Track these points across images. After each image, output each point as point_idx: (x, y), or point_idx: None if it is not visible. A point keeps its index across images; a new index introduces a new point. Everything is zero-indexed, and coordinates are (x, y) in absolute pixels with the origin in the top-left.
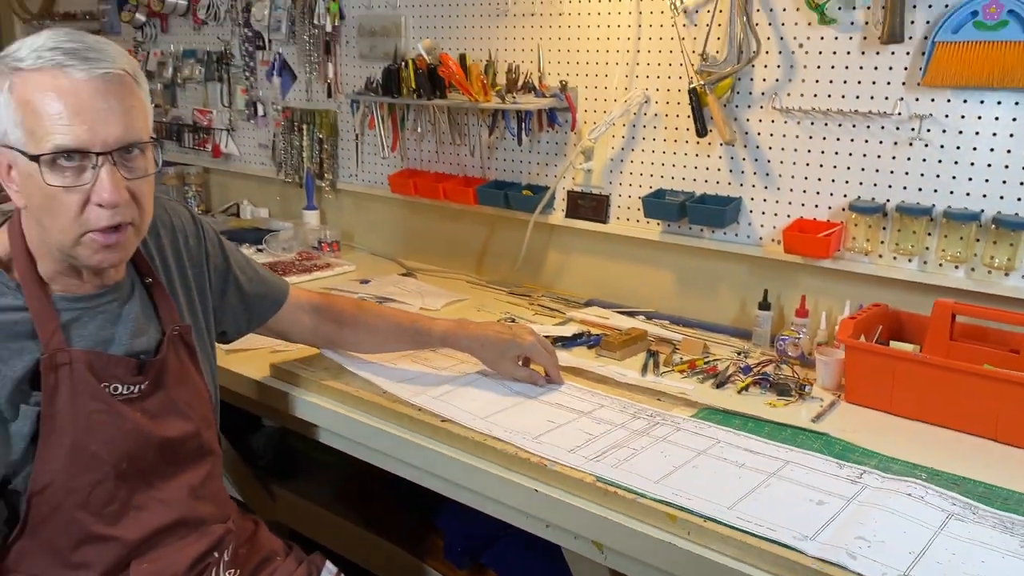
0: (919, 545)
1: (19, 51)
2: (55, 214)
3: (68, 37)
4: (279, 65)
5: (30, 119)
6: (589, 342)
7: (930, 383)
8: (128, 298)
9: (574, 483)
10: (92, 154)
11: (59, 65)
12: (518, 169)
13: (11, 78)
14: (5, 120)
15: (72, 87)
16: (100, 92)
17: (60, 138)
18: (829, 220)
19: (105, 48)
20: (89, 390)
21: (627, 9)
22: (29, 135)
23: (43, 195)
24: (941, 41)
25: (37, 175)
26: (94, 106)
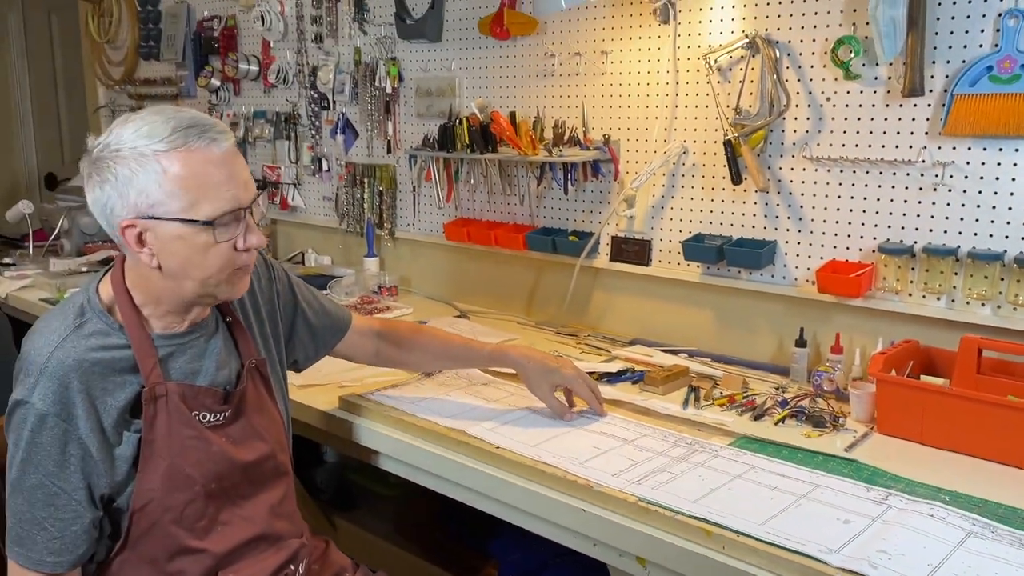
0: (937, 559)
1: (148, 135)
2: (205, 266)
3: (186, 118)
4: (342, 124)
5: (193, 190)
6: (633, 378)
7: (957, 414)
8: (212, 335)
9: (618, 503)
10: (242, 209)
11: (202, 144)
12: (565, 216)
13: (160, 160)
14: (156, 195)
15: (221, 158)
16: (235, 158)
17: (226, 203)
18: (860, 261)
19: (215, 121)
20: (182, 418)
21: (665, 68)
22: (193, 205)
23: (194, 251)
24: (959, 94)
25: (193, 236)
26: (236, 170)
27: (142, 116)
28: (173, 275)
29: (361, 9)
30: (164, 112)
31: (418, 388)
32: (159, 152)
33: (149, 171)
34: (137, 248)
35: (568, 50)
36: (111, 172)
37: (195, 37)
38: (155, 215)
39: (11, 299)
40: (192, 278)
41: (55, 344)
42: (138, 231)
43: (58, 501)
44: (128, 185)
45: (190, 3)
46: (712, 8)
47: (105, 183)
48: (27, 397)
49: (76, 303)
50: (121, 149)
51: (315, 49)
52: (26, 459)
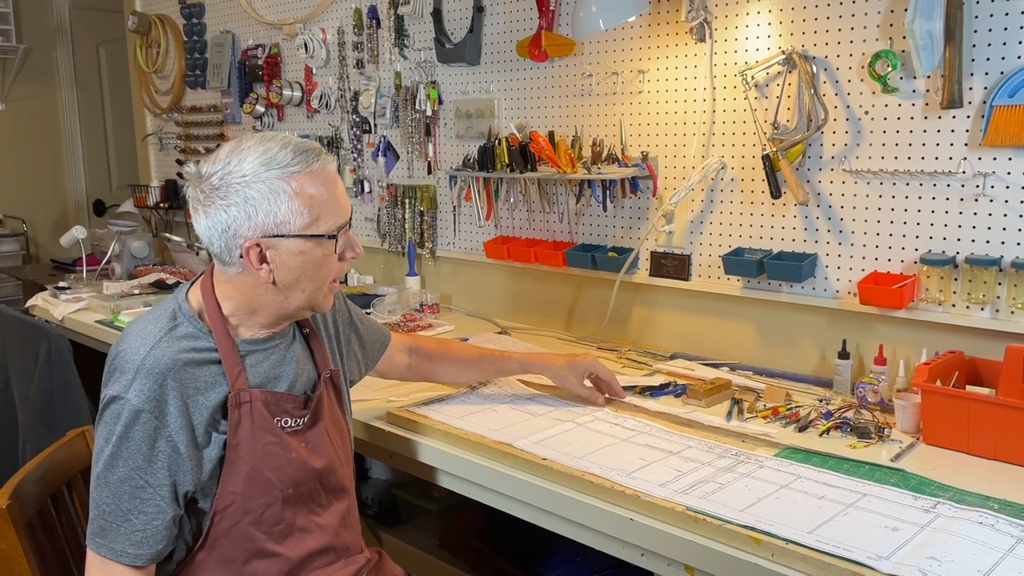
0: (988, 565)
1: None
2: (319, 276)
3: (295, 142)
4: (384, 146)
5: (316, 208)
6: (676, 391)
7: (1004, 423)
8: (291, 343)
9: (666, 512)
10: (348, 223)
11: (319, 165)
12: (604, 233)
13: (289, 181)
14: (283, 213)
15: (332, 178)
16: (338, 176)
17: (339, 217)
18: (902, 273)
19: (318, 144)
20: (264, 424)
21: (702, 85)
22: (316, 222)
23: (312, 264)
24: (998, 105)
25: (313, 250)
26: (342, 188)
27: (257, 144)
28: (285, 288)
29: (401, 35)
30: (276, 139)
31: (464, 402)
32: (285, 175)
33: (278, 192)
34: (257, 266)
35: (605, 70)
36: (239, 195)
37: (240, 65)
38: (281, 233)
39: (67, 321)
40: (302, 290)
41: (151, 344)
42: (261, 250)
43: (143, 495)
44: (257, 207)
45: (235, 32)
46: (748, 26)
47: (232, 206)
48: (123, 393)
49: (168, 309)
50: (247, 175)
51: (357, 74)
52: (115, 453)
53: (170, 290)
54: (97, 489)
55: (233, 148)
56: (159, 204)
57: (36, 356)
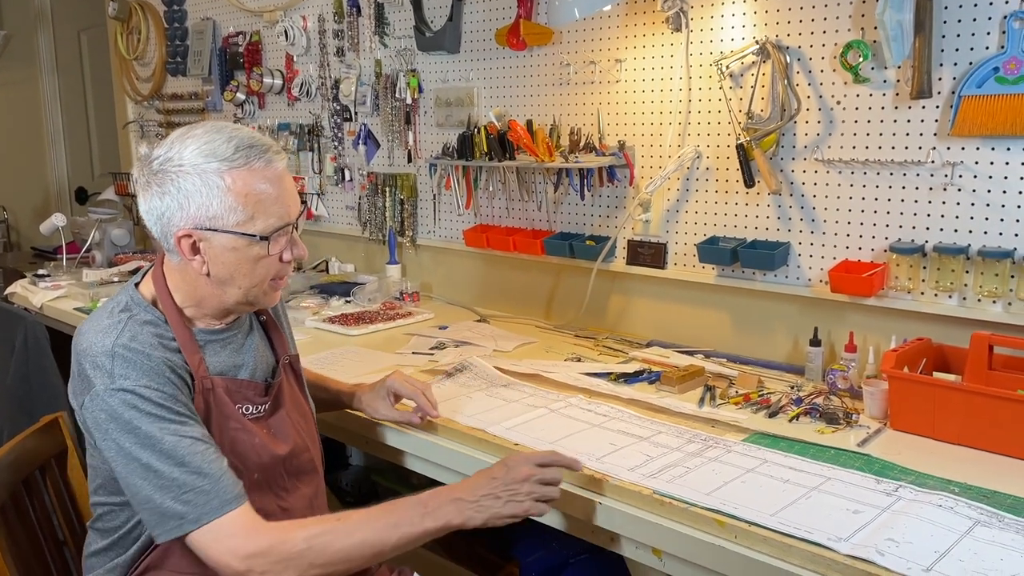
0: (944, 546)
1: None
2: (253, 275)
3: (244, 136)
4: (364, 135)
5: (250, 206)
6: (650, 378)
7: (968, 409)
8: (249, 331)
9: (634, 495)
10: (291, 224)
11: (263, 162)
12: (581, 221)
13: (224, 176)
14: (216, 208)
15: (277, 176)
16: (287, 176)
17: (278, 219)
18: (872, 261)
19: (269, 140)
20: (227, 411)
21: (678, 75)
22: (249, 220)
23: (245, 262)
24: (967, 95)
25: (247, 248)
26: (289, 188)
27: (203, 134)
28: (220, 282)
29: (381, 23)
30: (224, 131)
31: (439, 390)
32: (222, 170)
33: (212, 187)
34: (190, 256)
35: (583, 59)
36: (173, 185)
37: (221, 53)
38: (212, 227)
39: (46, 309)
40: (238, 286)
41: (116, 333)
42: (193, 240)
43: (198, 447)
44: (189, 198)
45: (216, 20)
46: (723, 16)
47: (166, 195)
48: (111, 384)
49: (120, 301)
50: (184, 165)
51: (337, 62)
52: (147, 435)
53: None
54: (150, 478)
55: (180, 134)
56: None
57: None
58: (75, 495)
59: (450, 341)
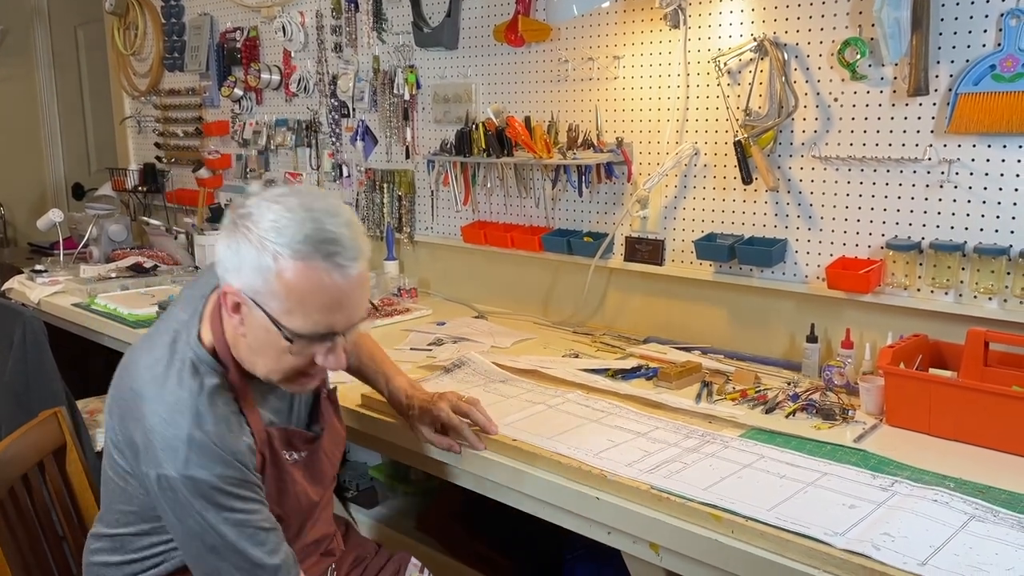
0: (940, 540)
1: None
2: (279, 364)
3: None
4: (362, 131)
5: (293, 301)
6: (647, 374)
7: (964, 405)
8: None
9: (631, 491)
10: (335, 334)
11: (324, 267)
12: (579, 218)
13: (279, 260)
14: (260, 286)
15: (335, 288)
16: (355, 288)
17: (320, 326)
18: (869, 258)
19: (355, 241)
20: (279, 461)
21: (675, 71)
22: (287, 313)
23: (273, 347)
24: (963, 92)
25: (277, 337)
26: (350, 301)
27: (287, 203)
28: (252, 351)
29: (379, 19)
30: (311, 210)
31: (437, 386)
32: (280, 253)
33: (265, 265)
34: (231, 313)
35: (581, 56)
36: (237, 243)
37: (218, 48)
38: (255, 300)
39: (44, 304)
40: (265, 365)
41: (191, 415)
42: (237, 301)
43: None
44: (244, 264)
45: (213, 15)
46: (721, 12)
47: (230, 248)
48: (184, 471)
49: (184, 360)
50: (253, 230)
51: (335, 58)
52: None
53: (147, 274)
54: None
55: (277, 195)
56: (137, 187)
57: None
58: (74, 490)
59: (448, 337)
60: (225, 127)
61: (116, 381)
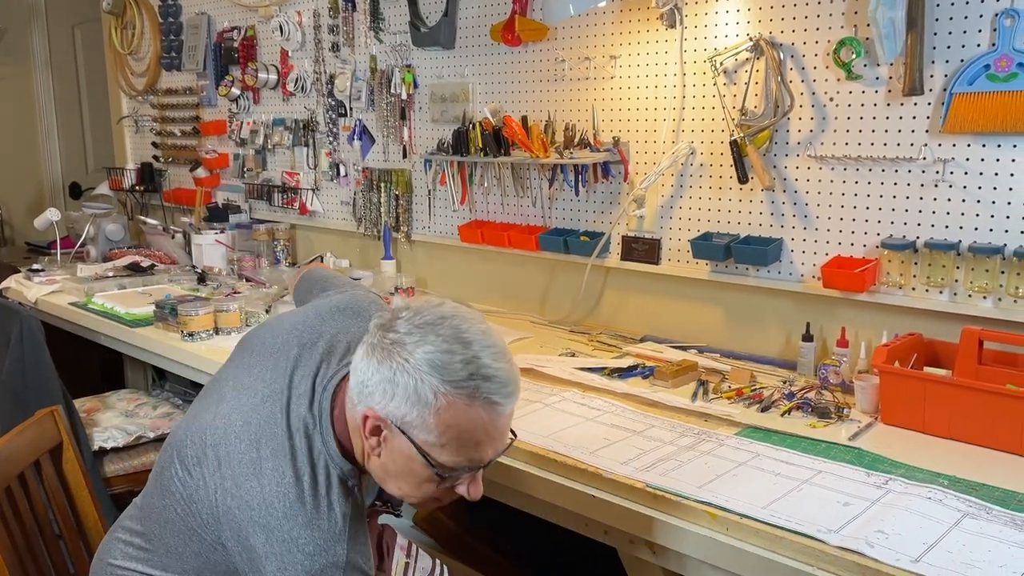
0: (933, 537)
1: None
2: (418, 490)
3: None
4: (359, 130)
5: (447, 437)
6: (643, 373)
7: (958, 403)
8: None
9: (627, 489)
10: (481, 467)
11: (489, 404)
12: (576, 217)
13: (440, 396)
14: (413, 416)
15: (492, 428)
16: (507, 422)
17: (469, 461)
18: (864, 257)
19: (513, 374)
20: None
21: (672, 71)
22: (438, 447)
23: (416, 476)
24: (958, 92)
25: (421, 467)
26: (499, 433)
27: (446, 340)
28: (384, 470)
29: (376, 18)
30: (471, 346)
31: None
32: (441, 390)
33: (423, 399)
34: (367, 435)
35: (578, 55)
36: (390, 370)
37: (215, 47)
38: (403, 430)
39: (41, 303)
40: (399, 487)
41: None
42: (379, 426)
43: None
44: (397, 392)
45: (210, 15)
46: (717, 12)
47: (380, 372)
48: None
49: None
50: (410, 361)
51: (332, 58)
52: None
53: (144, 273)
54: None
55: (430, 323)
56: (135, 187)
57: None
58: (70, 489)
59: None
60: (222, 126)
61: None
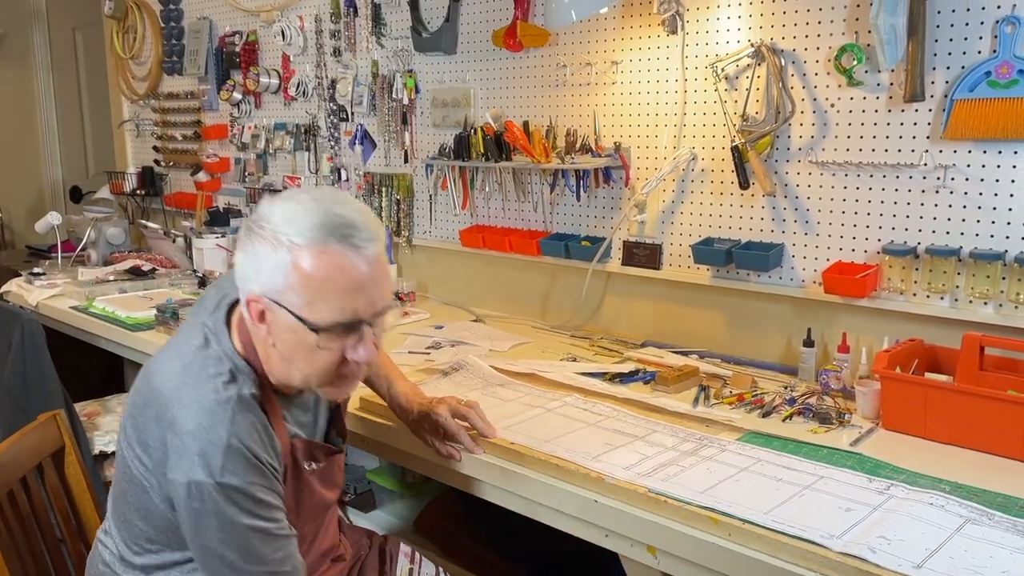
0: (935, 543)
1: (290, 224)
2: (311, 363)
3: (335, 214)
4: (361, 135)
5: (312, 292)
6: (644, 378)
7: (959, 409)
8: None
9: (629, 494)
10: (360, 322)
11: (338, 249)
12: (577, 222)
13: (291, 252)
14: (280, 283)
15: (352, 268)
16: (372, 269)
17: (342, 313)
18: (865, 262)
19: (367, 223)
20: (298, 471)
21: (673, 77)
22: (307, 304)
23: (303, 347)
24: (959, 99)
25: (304, 334)
26: (368, 284)
27: (296, 198)
28: (284, 359)
29: (378, 23)
30: (321, 201)
31: (435, 389)
32: (294, 244)
33: (281, 259)
34: (258, 323)
35: (579, 61)
36: (252, 245)
37: (217, 52)
38: (277, 300)
39: (42, 307)
40: (298, 369)
41: (228, 421)
42: (261, 308)
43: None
44: (259, 263)
45: (212, 19)
46: (719, 19)
47: (246, 254)
48: (219, 478)
49: (222, 369)
50: (265, 228)
51: (334, 62)
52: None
53: (145, 277)
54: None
55: (286, 195)
56: (136, 191)
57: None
58: (72, 493)
59: (446, 341)
60: (224, 131)
61: (141, 385)
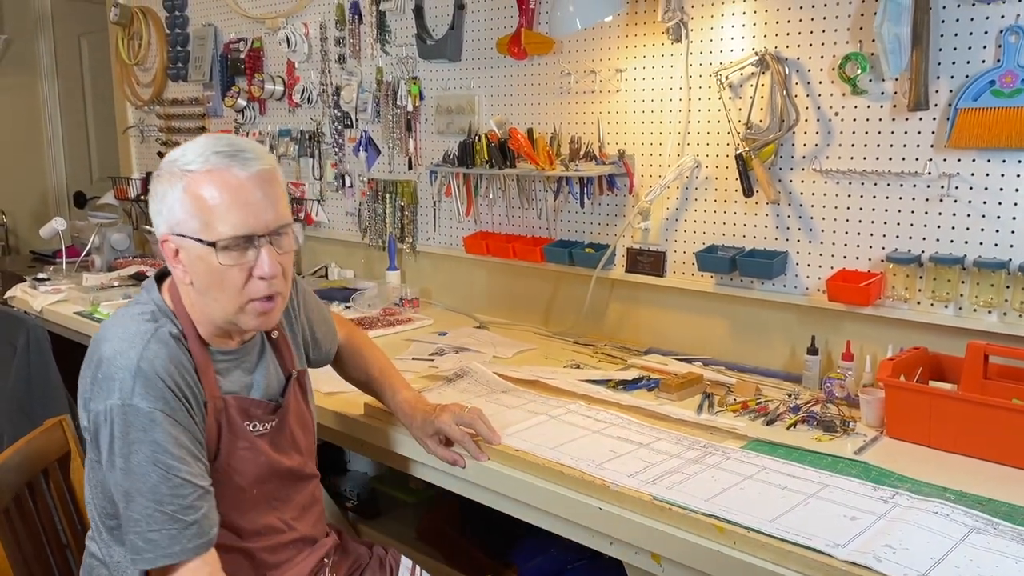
0: (940, 552)
1: (184, 156)
2: (223, 288)
3: (224, 142)
4: (365, 141)
5: (204, 212)
6: (648, 385)
7: (964, 418)
8: (261, 350)
9: (633, 501)
10: (255, 236)
11: (224, 166)
12: (581, 229)
13: (183, 179)
14: (179, 213)
15: (237, 183)
16: (257, 185)
17: (231, 227)
18: (869, 271)
19: (255, 148)
20: (237, 430)
21: (678, 85)
22: (204, 225)
23: (212, 273)
24: (963, 108)
25: (209, 257)
26: (254, 197)
27: (194, 140)
28: (201, 293)
29: (383, 30)
30: (211, 138)
31: (439, 396)
32: (186, 172)
33: (176, 190)
34: (174, 263)
35: (584, 68)
36: (156, 188)
37: (222, 58)
38: (180, 232)
39: (46, 312)
40: (215, 299)
41: (141, 346)
42: (174, 247)
43: (184, 491)
44: (162, 202)
45: (217, 26)
46: (723, 27)
47: (153, 198)
48: (128, 400)
49: (146, 309)
50: (163, 168)
51: (338, 69)
52: (139, 465)
53: None
54: (128, 505)
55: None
56: (140, 196)
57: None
58: (78, 498)
59: (449, 347)
60: None
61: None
